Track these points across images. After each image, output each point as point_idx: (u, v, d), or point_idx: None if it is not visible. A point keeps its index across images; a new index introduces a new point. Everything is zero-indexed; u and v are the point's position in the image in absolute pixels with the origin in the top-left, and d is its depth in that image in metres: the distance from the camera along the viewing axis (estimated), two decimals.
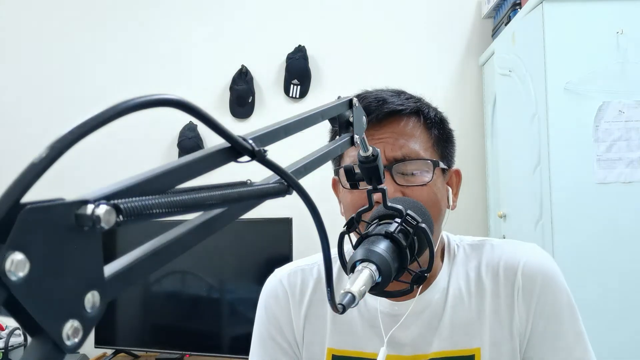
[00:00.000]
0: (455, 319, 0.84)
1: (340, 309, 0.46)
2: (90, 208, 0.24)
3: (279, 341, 0.90)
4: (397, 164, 0.80)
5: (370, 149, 0.57)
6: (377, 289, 0.52)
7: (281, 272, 0.94)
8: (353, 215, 0.63)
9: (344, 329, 0.87)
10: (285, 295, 0.91)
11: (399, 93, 0.86)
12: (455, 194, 0.89)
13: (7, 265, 0.22)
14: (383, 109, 0.81)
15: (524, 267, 0.85)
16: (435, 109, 0.88)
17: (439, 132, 0.86)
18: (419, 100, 0.87)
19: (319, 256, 0.94)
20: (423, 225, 0.59)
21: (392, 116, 0.82)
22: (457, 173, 0.90)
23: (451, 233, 0.94)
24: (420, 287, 0.85)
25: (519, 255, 0.86)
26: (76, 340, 0.24)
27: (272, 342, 0.91)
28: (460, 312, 0.84)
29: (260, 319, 0.93)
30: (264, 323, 0.92)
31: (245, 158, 0.35)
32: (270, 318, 0.91)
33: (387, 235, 0.56)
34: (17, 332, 1.97)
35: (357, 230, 0.63)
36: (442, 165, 0.84)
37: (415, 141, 0.82)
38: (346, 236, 0.64)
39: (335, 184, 0.92)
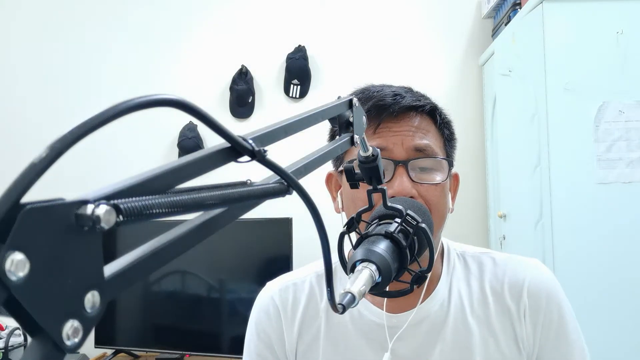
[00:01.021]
0: (457, 332, 0.83)
1: (340, 309, 0.46)
2: (90, 208, 0.24)
3: (268, 358, 0.89)
4: (414, 159, 0.80)
5: (370, 149, 0.57)
6: (377, 289, 0.52)
7: (273, 288, 0.92)
8: (353, 215, 0.63)
9: (338, 344, 0.86)
10: (277, 312, 0.89)
11: (409, 89, 0.86)
12: (453, 198, 0.89)
13: (7, 265, 0.22)
14: (401, 103, 0.81)
15: (529, 286, 0.84)
16: (444, 111, 0.88)
17: (449, 133, 0.87)
18: (430, 99, 0.87)
19: (312, 267, 0.93)
20: (423, 225, 0.59)
21: (409, 111, 0.82)
22: (456, 177, 0.90)
23: (452, 233, 0.93)
24: (421, 296, 0.84)
25: (523, 274, 0.86)
26: (76, 340, 0.24)
27: (259, 359, 0.90)
28: (463, 326, 0.84)
29: (250, 336, 0.92)
30: (254, 340, 0.91)
31: (245, 158, 0.35)
32: (261, 334, 0.90)
33: (387, 235, 0.56)
34: (17, 332, 1.97)
35: (357, 230, 0.63)
36: (452, 167, 0.85)
37: (430, 138, 0.82)
38: (346, 236, 0.64)
39: (329, 179, 0.91)
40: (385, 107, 0.80)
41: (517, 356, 0.83)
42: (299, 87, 2.52)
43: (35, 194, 0.23)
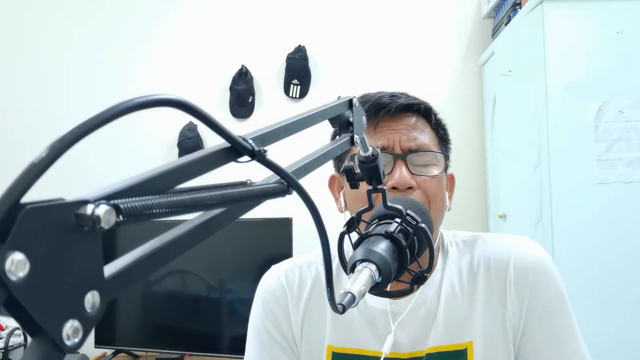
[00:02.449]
0: (449, 314, 0.85)
1: (340, 309, 0.46)
2: (90, 208, 0.24)
3: (276, 337, 0.90)
4: (412, 154, 0.84)
5: (370, 149, 0.57)
6: (377, 289, 0.52)
7: (279, 269, 0.94)
8: (353, 215, 0.63)
9: (343, 327, 0.87)
10: (284, 291, 0.91)
11: (405, 93, 0.90)
12: (450, 197, 0.92)
13: (7, 265, 0.22)
14: (397, 102, 0.85)
15: (515, 260, 0.86)
16: (438, 114, 0.92)
17: (443, 133, 0.91)
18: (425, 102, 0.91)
19: (317, 254, 0.94)
20: (423, 225, 0.59)
21: (405, 111, 0.86)
22: (452, 178, 0.94)
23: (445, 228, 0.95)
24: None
25: (510, 249, 0.87)
26: (76, 340, 0.24)
27: (269, 337, 0.90)
28: (453, 307, 0.85)
29: (257, 315, 0.92)
30: (261, 319, 0.91)
31: (245, 158, 0.35)
32: (268, 314, 0.91)
33: (387, 235, 0.56)
34: (17, 332, 1.97)
35: (357, 230, 0.63)
36: (448, 162, 0.89)
37: (426, 136, 0.87)
38: (346, 236, 0.64)
39: (332, 182, 0.93)
40: (383, 105, 0.85)
41: (502, 331, 0.84)
42: (299, 87, 2.51)
43: (35, 194, 0.23)
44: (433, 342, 0.84)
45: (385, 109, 0.84)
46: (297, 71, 2.50)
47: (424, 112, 0.88)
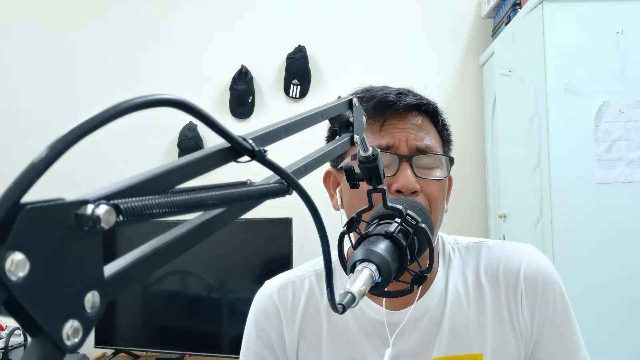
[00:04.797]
0: (454, 323, 0.83)
1: (340, 309, 0.46)
2: (90, 208, 0.24)
3: (267, 358, 0.88)
4: (418, 155, 0.81)
5: (370, 149, 0.57)
6: (377, 289, 0.52)
7: (271, 286, 0.92)
8: (353, 215, 0.63)
9: (340, 342, 0.85)
10: (277, 311, 0.89)
11: (410, 90, 0.88)
12: (447, 199, 0.91)
13: (7, 265, 0.22)
14: (405, 101, 0.83)
15: (525, 270, 0.85)
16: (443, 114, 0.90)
17: (448, 136, 0.89)
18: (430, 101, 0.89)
19: (310, 266, 0.93)
20: (423, 225, 0.59)
21: (412, 110, 0.84)
22: (450, 180, 0.92)
23: (452, 232, 0.94)
24: (418, 292, 0.84)
25: (518, 258, 0.86)
26: (76, 340, 0.24)
27: (260, 359, 0.89)
28: (460, 316, 0.84)
29: (249, 335, 0.91)
30: (253, 340, 0.90)
31: (245, 158, 0.35)
32: (260, 334, 0.89)
33: (387, 235, 0.56)
34: (17, 332, 1.97)
35: (357, 230, 0.63)
36: (452, 165, 0.87)
37: (432, 138, 0.84)
38: (346, 236, 0.64)
39: (327, 177, 0.91)
40: (391, 104, 0.82)
41: (513, 342, 0.83)
42: (299, 87, 2.52)
43: (35, 194, 0.23)
44: (438, 352, 0.82)
45: (393, 107, 0.82)
46: (297, 71, 2.50)
47: (432, 112, 0.86)
